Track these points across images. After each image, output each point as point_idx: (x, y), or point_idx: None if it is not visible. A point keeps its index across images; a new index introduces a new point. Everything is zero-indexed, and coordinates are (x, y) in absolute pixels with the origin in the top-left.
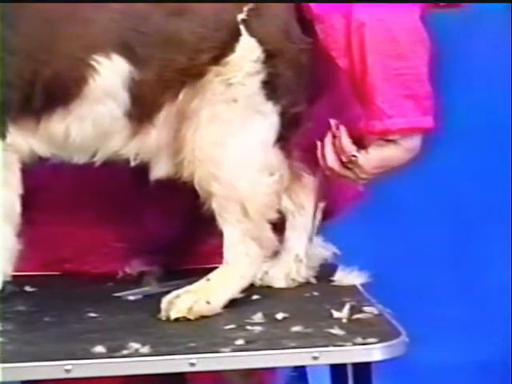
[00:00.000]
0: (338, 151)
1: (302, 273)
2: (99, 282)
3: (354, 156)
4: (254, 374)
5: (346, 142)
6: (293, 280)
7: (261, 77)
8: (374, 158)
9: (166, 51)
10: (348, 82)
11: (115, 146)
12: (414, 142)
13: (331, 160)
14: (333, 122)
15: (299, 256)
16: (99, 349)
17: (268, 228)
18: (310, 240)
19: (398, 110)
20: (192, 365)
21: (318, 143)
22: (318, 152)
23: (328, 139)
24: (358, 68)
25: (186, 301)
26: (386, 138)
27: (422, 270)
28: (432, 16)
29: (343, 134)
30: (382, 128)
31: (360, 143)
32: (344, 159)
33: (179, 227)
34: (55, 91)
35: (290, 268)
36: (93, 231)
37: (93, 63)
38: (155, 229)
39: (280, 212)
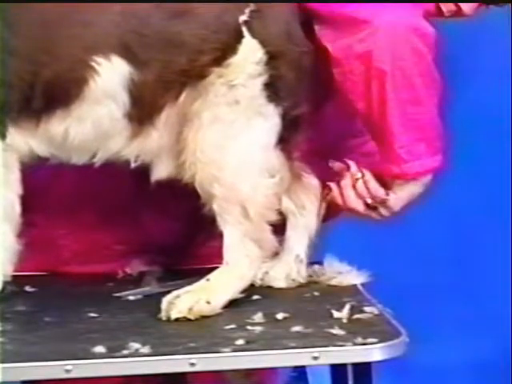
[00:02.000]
0: (362, 194)
1: (303, 273)
2: (99, 282)
3: (385, 199)
4: (254, 373)
5: (374, 186)
6: (293, 280)
7: (263, 79)
8: (401, 197)
9: (166, 52)
10: (364, 124)
11: (115, 147)
12: (429, 177)
13: (355, 202)
14: (353, 165)
15: (300, 256)
16: (99, 349)
17: (268, 229)
18: (312, 240)
19: (414, 154)
20: (192, 365)
21: (333, 185)
22: (336, 192)
23: (347, 182)
24: (377, 113)
25: (186, 301)
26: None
27: (422, 270)
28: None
29: (370, 179)
30: (400, 172)
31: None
32: (370, 202)
33: (179, 229)
34: (55, 92)
35: (291, 268)
36: (93, 233)
37: (93, 64)
38: (155, 230)
39: (281, 213)
